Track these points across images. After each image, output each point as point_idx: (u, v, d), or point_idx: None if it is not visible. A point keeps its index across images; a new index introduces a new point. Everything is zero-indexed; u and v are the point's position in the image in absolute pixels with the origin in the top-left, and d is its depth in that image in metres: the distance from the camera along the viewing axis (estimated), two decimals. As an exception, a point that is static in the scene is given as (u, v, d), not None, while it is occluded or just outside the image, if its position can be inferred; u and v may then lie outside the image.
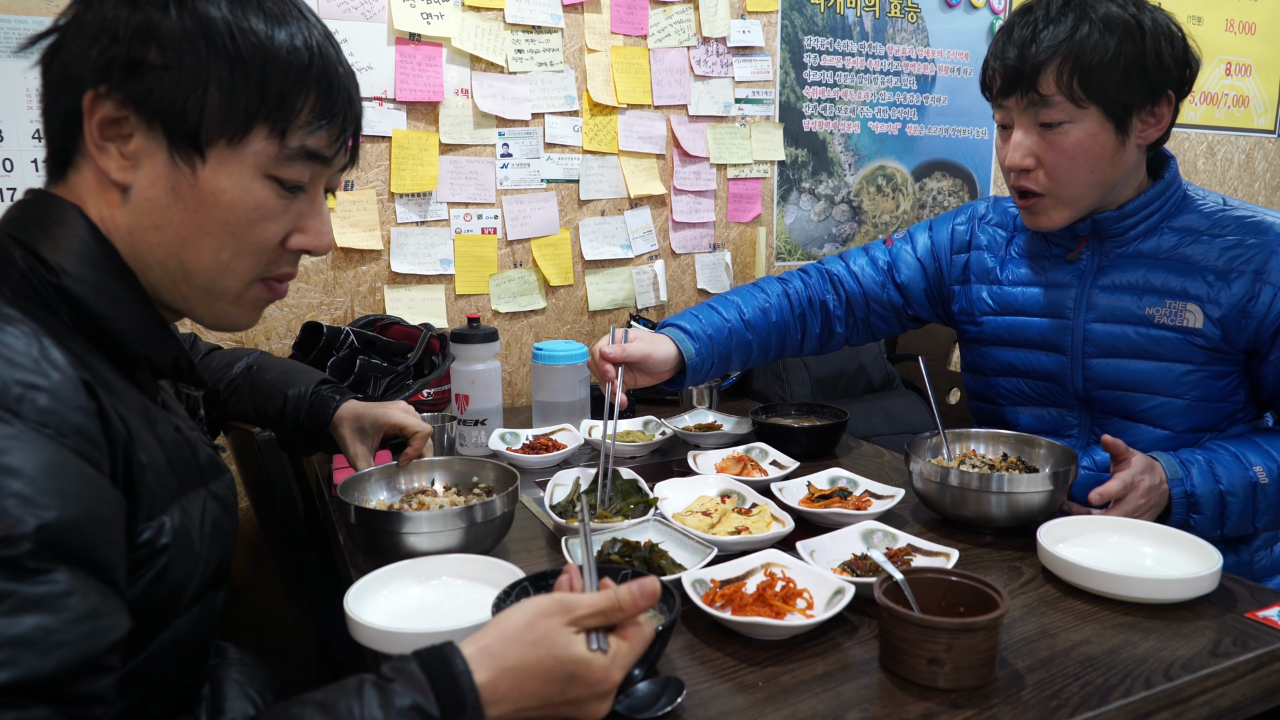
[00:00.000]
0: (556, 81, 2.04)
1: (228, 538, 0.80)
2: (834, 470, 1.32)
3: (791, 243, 2.44)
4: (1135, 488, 1.13)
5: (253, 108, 0.71)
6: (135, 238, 0.72)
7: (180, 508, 0.71)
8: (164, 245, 0.73)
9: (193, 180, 0.71)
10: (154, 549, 0.67)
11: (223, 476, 0.82)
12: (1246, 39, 3.15)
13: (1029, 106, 1.20)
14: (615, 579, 0.88)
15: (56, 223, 0.70)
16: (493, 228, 2.03)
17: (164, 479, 0.69)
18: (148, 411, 0.71)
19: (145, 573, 0.67)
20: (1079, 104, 1.17)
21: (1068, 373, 1.33)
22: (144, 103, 0.68)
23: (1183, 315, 1.22)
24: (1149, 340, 1.25)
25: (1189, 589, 0.93)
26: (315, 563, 1.38)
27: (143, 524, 0.66)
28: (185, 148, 0.70)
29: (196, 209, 0.72)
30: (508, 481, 1.13)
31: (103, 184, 0.71)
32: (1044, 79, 1.17)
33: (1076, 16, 1.16)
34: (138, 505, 0.66)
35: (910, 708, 0.76)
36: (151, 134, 0.70)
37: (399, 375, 1.62)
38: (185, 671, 0.77)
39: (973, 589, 0.84)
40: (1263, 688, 0.85)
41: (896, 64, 2.49)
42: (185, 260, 0.73)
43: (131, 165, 0.70)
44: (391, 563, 0.97)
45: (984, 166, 2.71)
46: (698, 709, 0.77)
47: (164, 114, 0.69)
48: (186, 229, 0.72)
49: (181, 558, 0.70)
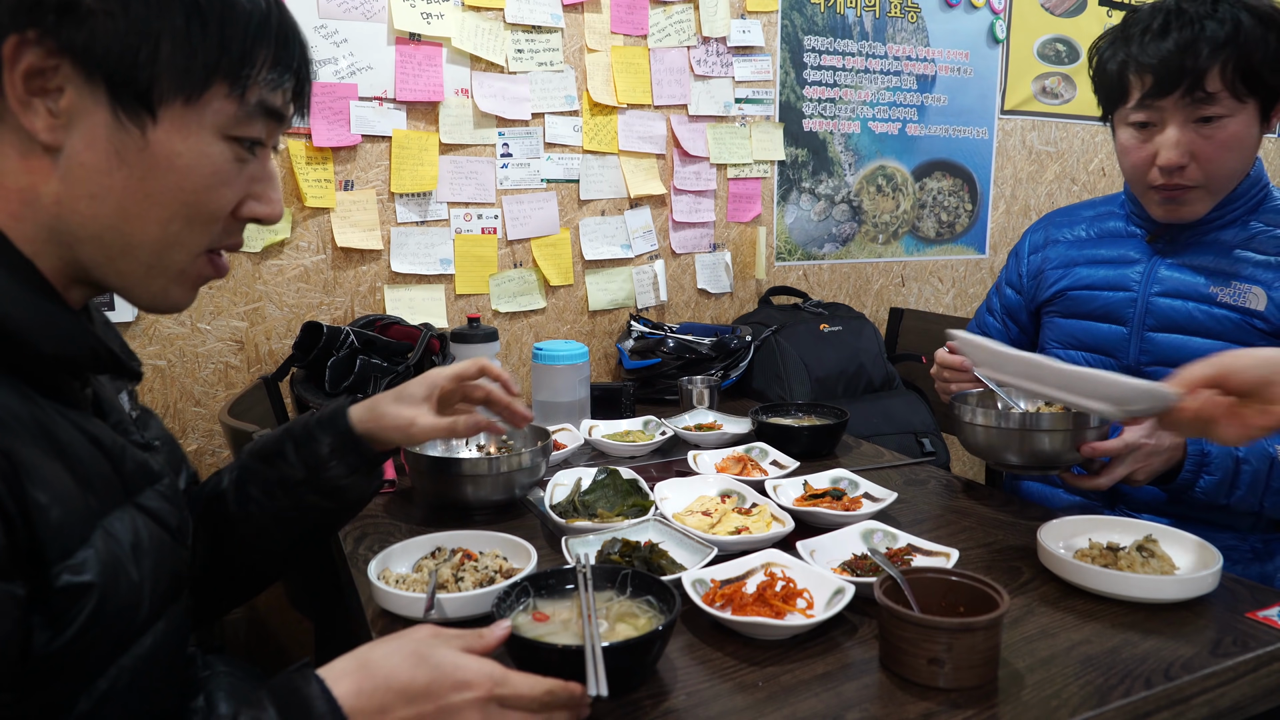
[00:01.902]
0: (556, 81, 2.04)
1: (169, 550, 0.71)
2: (836, 471, 1.32)
3: (791, 243, 2.44)
4: (1136, 450, 1.15)
5: (211, 62, 0.63)
6: (64, 209, 0.63)
7: (103, 532, 0.62)
8: (101, 217, 0.64)
9: (142, 143, 0.63)
10: (79, 588, 0.59)
11: (156, 484, 0.72)
12: None
13: (1190, 104, 1.19)
14: (615, 579, 0.88)
15: None
16: (493, 227, 2.03)
17: (74, 508, 0.60)
18: (49, 429, 0.61)
19: (76, 615, 0.59)
20: (1240, 98, 1.18)
21: (1124, 345, 1.36)
22: (83, 53, 0.60)
23: (1246, 297, 1.24)
24: (1210, 318, 1.27)
25: (1189, 589, 0.93)
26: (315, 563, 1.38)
27: (56, 566, 0.58)
28: (133, 106, 0.62)
29: (144, 175, 0.64)
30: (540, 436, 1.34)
31: (23, 148, 0.61)
32: (1210, 76, 1.17)
33: (1230, 11, 1.16)
34: (44, 549, 0.57)
35: (910, 708, 0.76)
36: (90, 89, 0.61)
37: (399, 375, 1.62)
38: (162, 686, 0.72)
39: (973, 589, 0.84)
40: (1263, 688, 0.85)
41: (896, 64, 2.49)
42: (128, 233, 0.65)
43: (64, 125, 0.61)
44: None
45: (984, 166, 2.71)
46: (698, 709, 0.77)
47: (107, 67, 0.60)
48: (130, 197, 0.64)
49: (115, 588, 0.62)
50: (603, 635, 0.79)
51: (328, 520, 0.99)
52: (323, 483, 0.95)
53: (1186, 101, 1.19)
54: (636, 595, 0.87)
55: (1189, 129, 1.21)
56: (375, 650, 0.67)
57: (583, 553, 1.02)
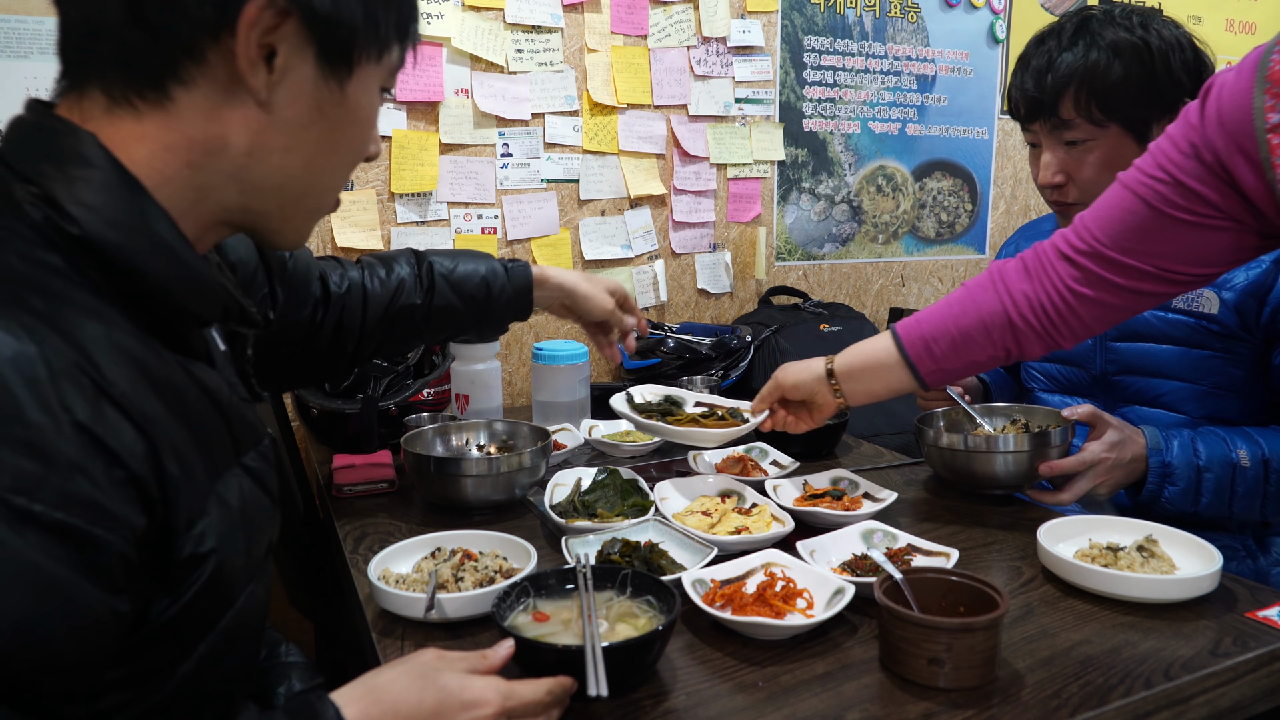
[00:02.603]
0: (556, 81, 2.04)
1: (268, 514, 0.72)
2: (836, 471, 1.32)
3: (791, 243, 2.44)
4: (1097, 464, 1.17)
5: (398, 21, 0.69)
6: (253, 159, 0.65)
7: (217, 498, 0.63)
8: (288, 167, 0.67)
9: (339, 97, 0.67)
10: (200, 557, 0.60)
11: (259, 444, 0.73)
12: (1246, 39, 3.15)
13: (1053, 129, 1.28)
14: (615, 579, 0.88)
15: (68, 157, 0.59)
16: (493, 227, 2.03)
17: (197, 476, 0.61)
18: (174, 393, 0.61)
19: (194, 582, 0.60)
20: (1099, 124, 1.24)
21: (1091, 356, 1.38)
22: (306, 14, 0.62)
23: (1199, 301, 1.25)
24: (1167, 324, 1.28)
25: (1189, 589, 0.93)
26: (315, 563, 1.39)
27: (181, 537, 0.59)
28: (338, 64, 0.65)
29: (334, 127, 0.68)
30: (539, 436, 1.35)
31: (214, 101, 0.62)
32: (1064, 105, 1.25)
33: (1086, 44, 1.23)
34: (173, 521, 0.58)
35: (910, 708, 0.76)
36: (300, 48, 0.63)
37: (399, 375, 1.62)
38: (251, 647, 0.73)
39: (973, 589, 0.84)
40: (1263, 688, 0.85)
41: (896, 64, 2.49)
42: (308, 181, 0.69)
43: (276, 82, 0.63)
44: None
45: (984, 166, 2.71)
46: (698, 709, 0.77)
47: (324, 28, 0.63)
48: (319, 148, 0.68)
49: (228, 555, 0.63)
50: (603, 635, 0.79)
51: (442, 320, 1.22)
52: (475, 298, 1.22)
53: (1049, 127, 1.28)
54: (636, 595, 0.87)
55: (1061, 151, 1.29)
56: (381, 676, 0.68)
57: (583, 553, 1.02)
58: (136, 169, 0.61)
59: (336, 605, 1.39)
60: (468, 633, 0.91)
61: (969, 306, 1.13)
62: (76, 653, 0.51)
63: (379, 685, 0.67)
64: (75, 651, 0.50)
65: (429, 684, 0.66)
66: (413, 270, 1.20)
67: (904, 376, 1.18)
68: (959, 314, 1.14)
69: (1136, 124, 1.23)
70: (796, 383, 1.24)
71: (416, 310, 1.19)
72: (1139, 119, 1.23)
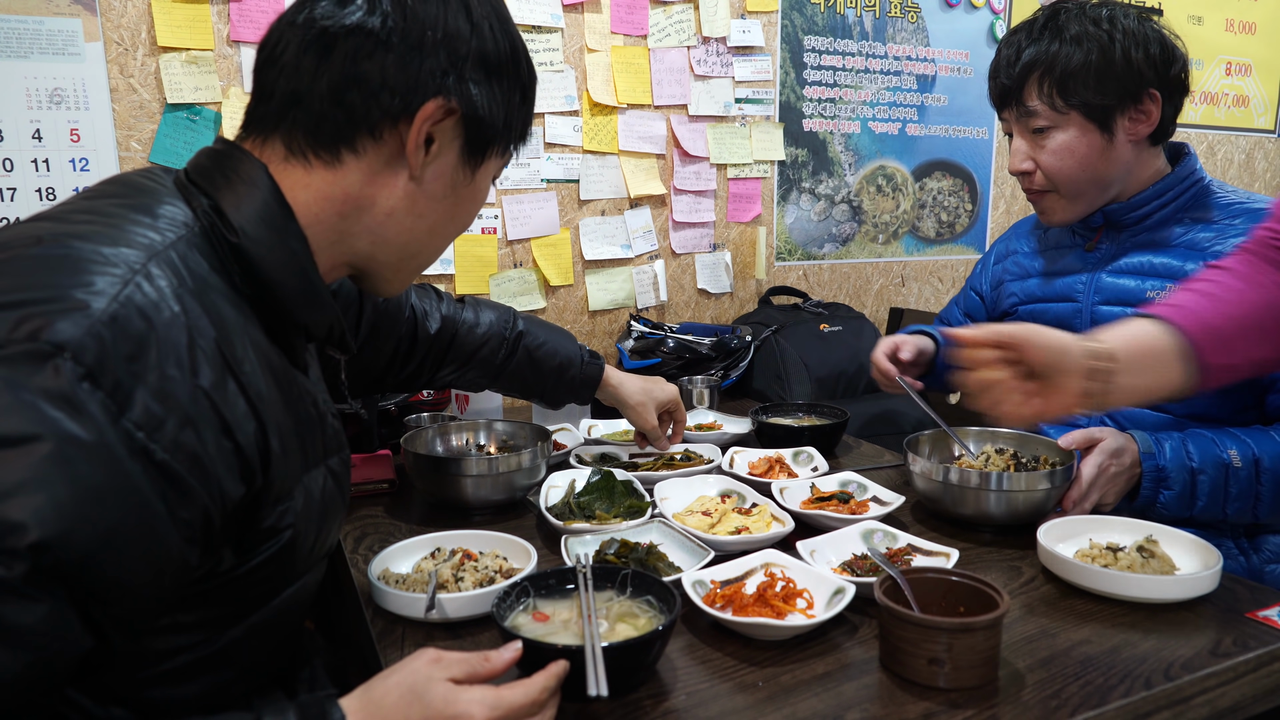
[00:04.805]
0: (556, 81, 2.04)
1: (337, 513, 0.84)
2: (845, 474, 1.32)
3: (791, 243, 2.44)
4: (1098, 478, 1.16)
5: (520, 125, 0.82)
6: (391, 220, 0.78)
7: (303, 487, 0.74)
8: (411, 231, 0.79)
9: (469, 180, 0.81)
10: (276, 530, 0.71)
11: (342, 451, 0.85)
12: (1246, 39, 3.15)
13: (1020, 117, 1.34)
14: (615, 579, 0.88)
15: (242, 179, 0.72)
16: (493, 228, 2.03)
17: (293, 462, 0.72)
18: (288, 385, 0.73)
19: (264, 551, 0.70)
20: (1060, 111, 1.29)
21: None
22: (467, 115, 0.76)
23: None
24: None
25: (1189, 589, 0.93)
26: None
27: (267, 509, 0.69)
28: (477, 154, 0.79)
29: (458, 204, 0.81)
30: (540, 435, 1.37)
31: (374, 169, 0.75)
32: (1027, 92, 1.31)
33: (1051, 35, 1.29)
34: (269, 491, 0.68)
35: (910, 708, 0.76)
36: (454, 138, 0.77)
37: (399, 375, 1.62)
38: (293, 631, 0.81)
39: (973, 589, 0.84)
40: (1263, 688, 0.85)
41: (896, 64, 2.49)
42: (426, 245, 0.82)
43: (429, 162, 0.77)
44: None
45: (984, 166, 2.71)
46: (698, 709, 0.77)
47: (474, 125, 0.77)
48: (442, 220, 0.81)
49: (300, 538, 0.73)
50: (603, 635, 0.79)
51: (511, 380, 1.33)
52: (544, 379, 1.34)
53: (1016, 115, 1.34)
54: (636, 595, 0.87)
55: (1028, 139, 1.34)
56: (374, 690, 0.69)
57: (582, 553, 1.02)
58: (294, 207, 0.73)
59: (337, 605, 1.39)
60: (468, 633, 0.91)
61: (1239, 294, 0.93)
62: (145, 579, 0.58)
63: (372, 699, 0.68)
64: (144, 577, 0.58)
65: (415, 700, 0.67)
66: (504, 329, 1.30)
67: (1175, 373, 0.93)
68: (1232, 304, 0.93)
69: (1095, 111, 1.27)
70: (1048, 345, 0.89)
71: (492, 366, 1.30)
72: (1098, 106, 1.27)
